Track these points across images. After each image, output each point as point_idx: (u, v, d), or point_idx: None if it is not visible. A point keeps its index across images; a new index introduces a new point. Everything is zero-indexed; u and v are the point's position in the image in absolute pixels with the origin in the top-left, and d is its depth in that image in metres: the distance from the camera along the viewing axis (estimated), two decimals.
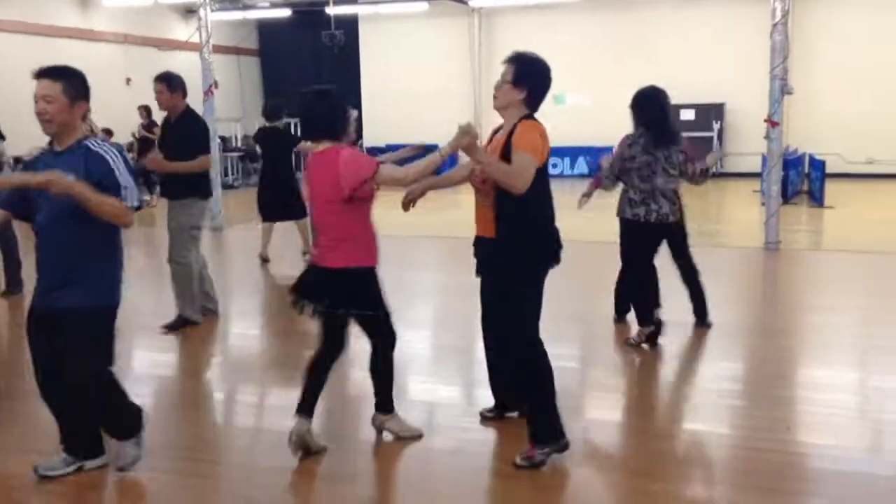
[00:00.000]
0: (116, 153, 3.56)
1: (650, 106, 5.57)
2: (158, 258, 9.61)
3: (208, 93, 11.71)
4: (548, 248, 3.86)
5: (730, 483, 3.80)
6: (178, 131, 6.26)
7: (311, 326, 4.16)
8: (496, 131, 3.98)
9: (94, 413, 3.76)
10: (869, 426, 4.45)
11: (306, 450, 3.97)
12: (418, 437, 4.21)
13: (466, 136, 3.69)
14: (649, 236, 5.64)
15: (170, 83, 6.23)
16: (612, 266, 5.99)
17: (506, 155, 3.70)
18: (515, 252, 3.78)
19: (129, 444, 3.82)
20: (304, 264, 8.38)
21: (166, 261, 6.39)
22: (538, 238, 3.83)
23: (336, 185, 3.74)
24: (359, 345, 4.19)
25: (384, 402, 4.19)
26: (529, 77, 3.81)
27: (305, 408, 3.96)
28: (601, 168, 5.77)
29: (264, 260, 9.31)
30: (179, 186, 6.20)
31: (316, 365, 4.00)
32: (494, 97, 3.90)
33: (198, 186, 6.29)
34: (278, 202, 8.95)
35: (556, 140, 3.74)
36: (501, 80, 3.84)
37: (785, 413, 4.61)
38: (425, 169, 3.89)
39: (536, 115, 3.87)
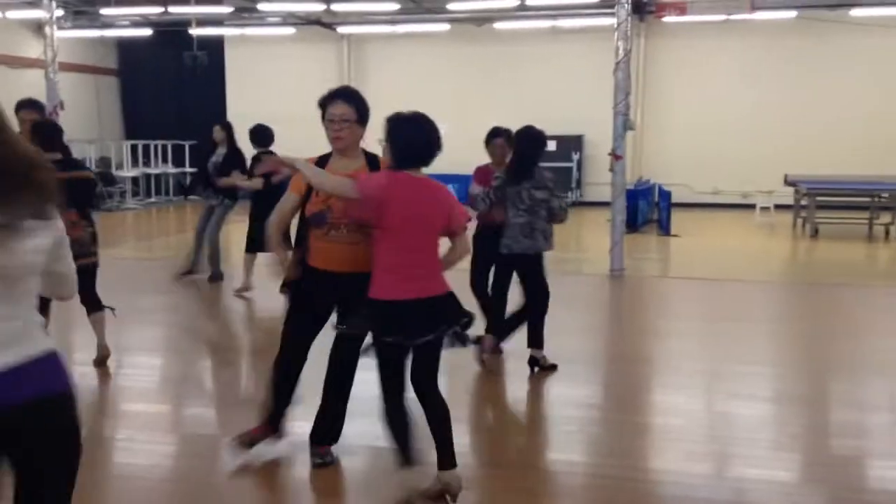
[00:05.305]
0: None
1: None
2: None
3: (53, 113, 11.18)
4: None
5: None
6: None
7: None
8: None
9: None
10: (713, 452, 4.54)
11: None
12: None
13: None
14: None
15: None
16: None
17: None
18: None
19: None
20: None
21: None
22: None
23: (448, 215, 3.67)
24: None
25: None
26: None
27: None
28: None
29: (245, 289, 8.66)
30: None
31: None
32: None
33: None
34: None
35: (428, 168, 3.75)
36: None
37: (632, 440, 4.69)
38: None
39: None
